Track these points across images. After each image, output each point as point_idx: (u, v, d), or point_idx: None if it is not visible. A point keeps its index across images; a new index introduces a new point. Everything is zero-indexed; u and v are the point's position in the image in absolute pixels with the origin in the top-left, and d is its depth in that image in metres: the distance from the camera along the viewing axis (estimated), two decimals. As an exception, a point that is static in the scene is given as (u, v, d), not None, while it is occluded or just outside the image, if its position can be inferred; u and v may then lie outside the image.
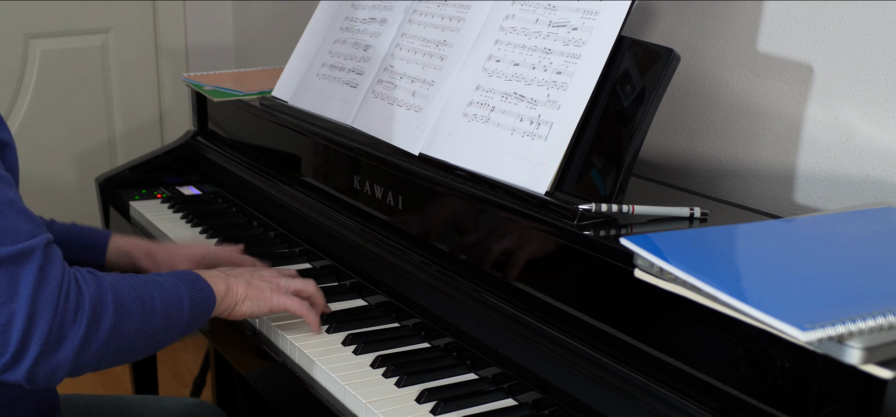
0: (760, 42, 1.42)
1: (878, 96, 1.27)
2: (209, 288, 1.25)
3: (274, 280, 1.33)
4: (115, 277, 1.14)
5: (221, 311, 1.27)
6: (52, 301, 1.03)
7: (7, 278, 1.01)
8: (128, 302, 1.12)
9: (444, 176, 1.35)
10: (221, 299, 1.26)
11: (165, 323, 1.17)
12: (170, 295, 1.18)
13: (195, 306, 1.21)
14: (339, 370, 1.24)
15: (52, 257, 1.06)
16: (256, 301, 1.30)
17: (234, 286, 1.28)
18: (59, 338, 1.04)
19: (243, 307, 1.29)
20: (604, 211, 1.14)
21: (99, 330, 1.07)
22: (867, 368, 0.78)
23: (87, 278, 1.09)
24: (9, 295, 1.01)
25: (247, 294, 1.29)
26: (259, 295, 1.30)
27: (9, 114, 2.78)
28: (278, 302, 1.31)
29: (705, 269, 0.90)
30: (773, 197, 1.42)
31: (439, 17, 1.51)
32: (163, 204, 1.98)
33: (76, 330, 1.05)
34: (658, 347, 1.01)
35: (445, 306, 1.31)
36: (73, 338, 1.05)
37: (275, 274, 1.36)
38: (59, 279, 1.04)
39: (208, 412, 1.58)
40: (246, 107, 1.92)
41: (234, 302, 1.28)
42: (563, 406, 1.11)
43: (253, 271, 1.35)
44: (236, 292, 1.28)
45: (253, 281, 1.31)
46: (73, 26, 2.79)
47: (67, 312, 1.04)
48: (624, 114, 1.21)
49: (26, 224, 1.05)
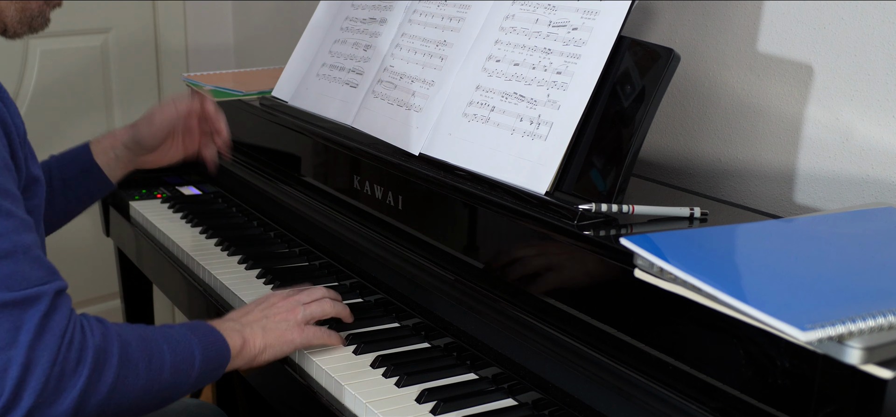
0: (760, 42, 1.42)
1: (878, 96, 1.27)
2: (224, 344, 1.20)
3: (291, 314, 1.28)
4: (125, 329, 1.11)
5: (239, 365, 1.23)
6: (50, 350, 1.00)
7: (10, 323, 0.98)
8: (134, 355, 1.09)
9: (444, 176, 1.35)
10: (237, 353, 1.22)
11: (174, 379, 1.13)
12: (180, 349, 1.15)
13: (207, 361, 1.17)
14: (339, 369, 1.24)
15: (60, 306, 1.03)
16: (277, 347, 1.25)
17: (250, 339, 1.24)
18: (57, 389, 1.01)
19: (265, 356, 1.25)
20: (604, 211, 1.14)
21: (100, 384, 1.04)
22: (867, 368, 0.78)
23: (95, 327, 1.06)
24: (9, 340, 0.98)
25: (266, 342, 1.25)
26: (279, 339, 1.25)
27: (9, 114, 2.78)
28: (300, 340, 1.26)
29: (705, 269, 0.90)
30: (773, 197, 1.42)
31: (439, 17, 1.51)
32: (163, 204, 1.98)
33: (76, 381, 1.02)
34: (658, 347, 1.01)
35: (445, 306, 1.31)
36: (72, 390, 1.01)
37: (290, 305, 1.30)
38: (63, 328, 1.02)
39: (209, 412, 1.58)
40: (246, 107, 1.92)
41: (252, 354, 1.24)
42: (563, 406, 1.11)
43: (267, 308, 1.29)
44: (253, 344, 1.24)
45: (269, 325, 1.26)
46: (73, 26, 2.79)
47: (68, 362, 1.01)
48: (624, 114, 1.21)
49: (38, 271, 1.03)
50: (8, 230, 1.00)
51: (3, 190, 1.02)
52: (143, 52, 2.97)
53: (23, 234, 1.02)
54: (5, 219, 1.01)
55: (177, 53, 3.02)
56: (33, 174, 1.16)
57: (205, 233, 1.78)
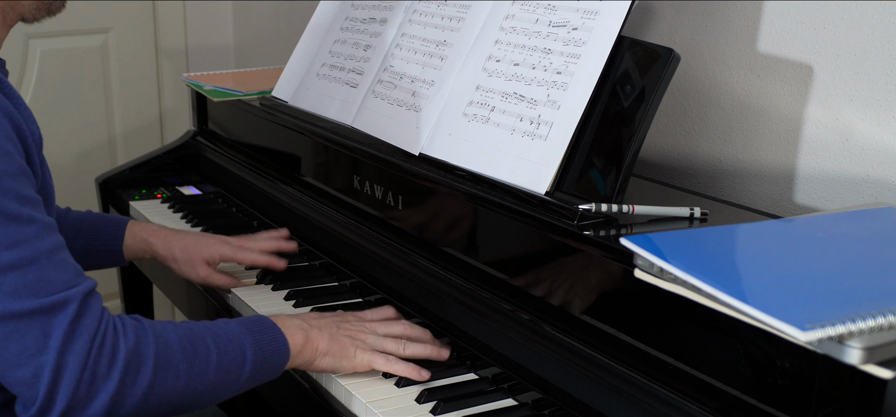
0: (760, 42, 1.42)
1: (878, 96, 1.27)
2: (282, 342, 1.16)
3: (360, 336, 1.24)
4: (165, 327, 1.09)
5: (298, 364, 1.19)
6: (81, 354, 0.99)
7: (39, 329, 0.98)
8: (174, 357, 1.06)
9: (444, 176, 1.35)
10: (298, 352, 1.18)
11: (220, 377, 1.10)
12: (228, 348, 1.11)
13: (261, 361, 1.13)
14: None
15: (90, 307, 1.02)
16: (338, 357, 1.21)
17: (314, 339, 1.20)
18: (89, 393, 1.00)
19: (323, 361, 1.20)
20: (604, 211, 1.14)
21: (135, 386, 1.02)
22: (867, 368, 0.78)
23: (129, 329, 1.04)
24: (39, 346, 0.98)
25: (329, 348, 1.20)
26: (342, 351, 1.21)
27: (9, 114, 2.78)
28: (362, 361, 1.21)
29: (705, 269, 0.90)
30: (773, 197, 1.42)
31: (439, 17, 1.51)
32: (163, 204, 1.98)
33: (108, 384, 1.01)
34: (658, 347, 1.01)
35: (445, 306, 1.31)
36: (105, 394, 1.00)
37: (364, 329, 1.26)
38: (93, 331, 1.01)
39: (209, 413, 1.58)
40: (246, 107, 1.92)
41: (313, 355, 1.20)
42: (563, 406, 1.11)
43: (340, 322, 1.25)
44: (317, 345, 1.20)
45: (337, 335, 1.22)
46: (73, 26, 2.79)
47: (99, 366, 1.00)
48: (624, 114, 1.21)
49: (64, 274, 1.01)
50: (30, 236, 1.00)
51: (23, 196, 1.01)
52: (143, 52, 2.97)
53: (46, 239, 1.02)
54: (27, 226, 1.00)
55: (177, 53, 3.02)
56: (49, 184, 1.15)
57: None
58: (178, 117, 3.04)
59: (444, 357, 1.26)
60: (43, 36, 2.75)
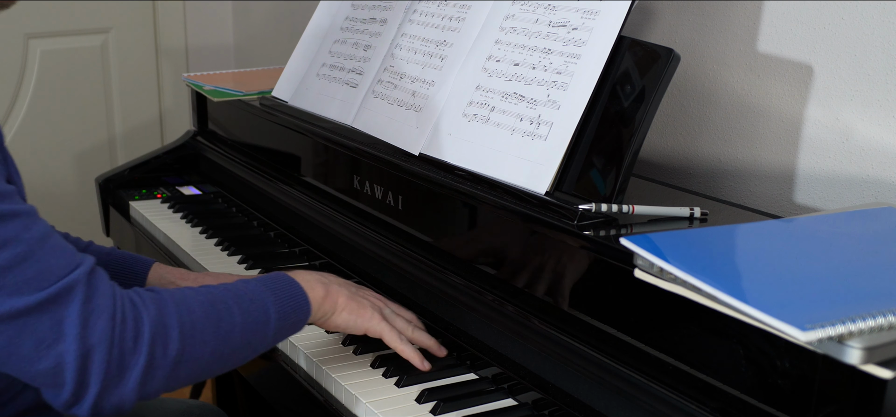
0: (760, 42, 1.42)
1: (878, 96, 1.27)
2: (302, 295, 1.16)
3: (378, 303, 1.26)
4: (184, 293, 1.07)
5: (317, 318, 1.20)
6: (105, 333, 0.97)
7: (49, 320, 0.96)
8: (200, 322, 1.04)
9: (445, 176, 1.35)
10: (319, 304, 1.18)
11: (247, 338, 1.09)
12: (251, 308, 1.10)
13: (283, 317, 1.13)
14: (339, 369, 1.24)
15: (98, 285, 1.00)
16: (355, 315, 1.22)
17: (334, 293, 1.20)
18: (119, 370, 0.98)
19: (340, 317, 1.21)
20: (604, 211, 1.14)
21: (166, 357, 1.01)
22: (867, 368, 0.78)
23: (147, 300, 1.03)
24: (54, 337, 0.96)
25: (347, 304, 1.21)
26: (360, 309, 1.22)
27: (9, 114, 2.78)
28: (377, 325, 1.22)
29: (705, 269, 0.90)
30: (773, 197, 1.42)
31: (439, 17, 1.51)
32: (163, 204, 1.98)
33: (137, 359, 0.99)
34: (658, 347, 1.01)
35: (445, 306, 1.31)
36: (135, 368, 0.99)
37: (380, 298, 1.28)
38: (111, 308, 0.99)
39: (209, 412, 1.58)
40: (246, 107, 1.92)
41: (332, 308, 1.20)
42: (563, 406, 1.11)
43: (358, 287, 1.27)
44: (337, 299, 1.20)
45: (356, 295, 1.24)
46: (73, 26, 2.79)
47: (125, 341, 0.99)
48: (624, 114, 1.21)
49: (61, 258, 0.99)
50: (18, 231, 0.98)
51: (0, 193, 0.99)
52: (143, 52, 2.97)
53: (33, 228, 0.99)
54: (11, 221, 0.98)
55: (177, 53, 3.02)
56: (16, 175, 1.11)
57: (205, 233, 1.78)
58: (178, 117, 3.04)
59: (443, 355, 1.27)
60: (43, 36, 2.76)
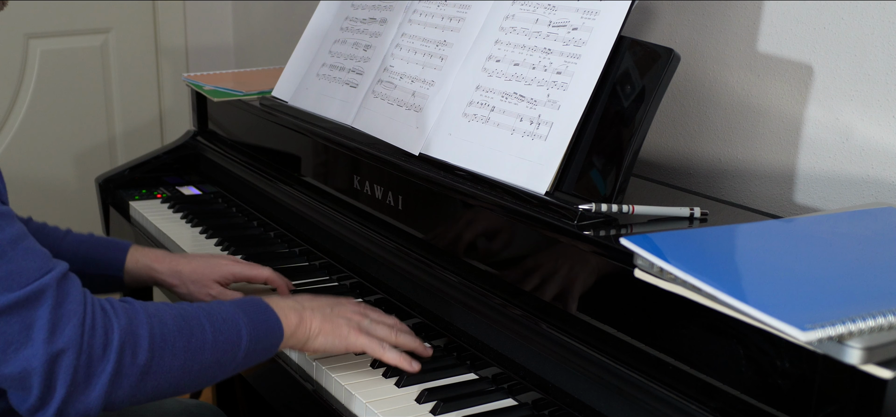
0: (760, 42, 1.42)
1: (878, 96, 1.27)
2: (276, 321, 1.16)
3: (354, 317, 1.24)
4: (157, 307, 1.07)
5: (292, 345, 1.20)
6: (73, 338, 0.97)
7: (19, 323, 0.96)
8: (170, 335, 1.05)
9: (444, 176, 1.35)
10: (292, 332, 1.18)
11: (217, 356, 1.09)
12: (223, 328, 1.10)
13: (255, 340, 1.13)
14: (339, 369, 1.24)
15: (68, 291, 1.00)
16: (332, 336, 1.21)
17: (307, 319, 1.20)
18: (87, 376, 0.98)
19: (317, 342, 1.21)
20: (604, 211, 1.14)
21: (134, 365, 1.01)
22: (867, 368, 0.78)
23: (118, 309, 1.03)
24: (22, 340, 0.96)
25: (322, 328, 1.21)
26: (335, 330, 1.21)
27: (9, 114, 2.78)
28: (356, 341, 1.22)
29: (705, 269, 0.90)
30: (773, 197, 1.42)
31: (439, 17, 1.51)
32: (163, 204, 1.98)
33: (105, 365, 0.99)
34: (658, 347, 1.01)
35: (445, 306, 1.31)
36: (103, 375, 0.99)
37: (357, 311, 1.27)
38: (81, 314, 0.99)
39: (208, 413, 1.58)
40: (246, 107, 1.92)
41: (306, 336, 1.20)
42: (563, 406, 1.11)
43: (334, 304, 1.26)
44: (310, 325, 1.20)
45: (331, 315, 1.23)
46: (73, 26, 2.79)
47: (94, 348, 0.99)
48: (624, 114, 1.21)
49: (34, 261, 0.99)
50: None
51: None
52: (143, 52, 2.97)
53: (6, 229, 0.99)
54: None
55: (177, 53, 3.02)
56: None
57: (205, 233, 1.78)
58: (178, 117, 3.04)
59: (428, 355, 1.26)
60: (43, 36, 2.76)
